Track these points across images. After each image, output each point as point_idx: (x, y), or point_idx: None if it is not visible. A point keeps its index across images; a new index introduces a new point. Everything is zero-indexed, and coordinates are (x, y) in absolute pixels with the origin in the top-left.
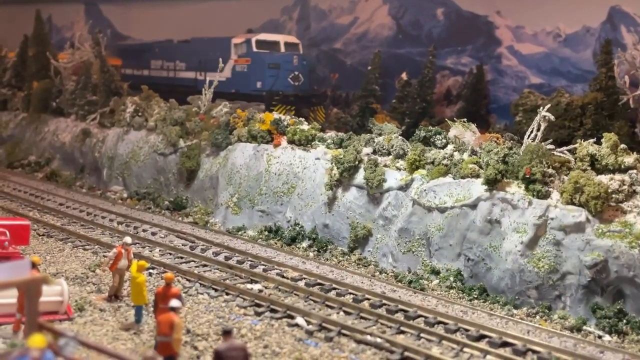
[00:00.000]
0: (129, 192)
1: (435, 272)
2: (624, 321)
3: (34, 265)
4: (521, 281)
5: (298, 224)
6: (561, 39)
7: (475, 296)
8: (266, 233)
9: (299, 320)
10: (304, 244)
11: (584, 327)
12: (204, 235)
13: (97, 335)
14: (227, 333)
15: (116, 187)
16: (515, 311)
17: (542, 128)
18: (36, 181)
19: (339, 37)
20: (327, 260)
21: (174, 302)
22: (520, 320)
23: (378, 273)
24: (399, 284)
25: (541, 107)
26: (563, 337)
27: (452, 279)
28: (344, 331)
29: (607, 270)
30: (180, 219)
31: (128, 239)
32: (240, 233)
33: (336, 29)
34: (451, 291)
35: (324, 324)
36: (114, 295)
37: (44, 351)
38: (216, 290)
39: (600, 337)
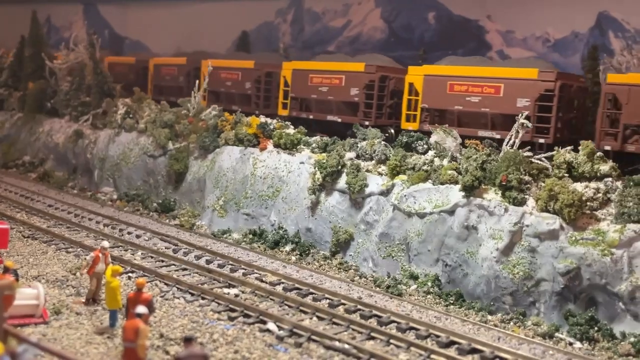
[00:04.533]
0: (119, 193)
1: (414, 277)
2: (595, 328)
3: (7, 270)
4: (496, 287)
5: (282, 228)
6: (550, 43)
7: (452, 302)
8: (250, 236)
9: (271, 325)
10: (287, 248)
11: (556, 334)
12: (188, 238)
13: (71, 339)
14: (187, 340)
15: (107, 188)
16: (489, 317)
17: (520, 135)
18: (28, 182)
19: (332, 39)
20: (309, 264)
21: (140, 309)
22: (492, 327)
23: (358, 277)
24: (377, 288)
25: (520, 114)
26: (533, 344)
27: (429, 284)
28: (313, 337)
29: (579, 278)
30: (167, 221)
31: (105, 243)
32: (225, 236)
33: (330, 32)
34: (428, 296)
35: (294, 330)
36: (92, 299)
37: (2, 357)
38: (192, 294)
39: (571, 344)
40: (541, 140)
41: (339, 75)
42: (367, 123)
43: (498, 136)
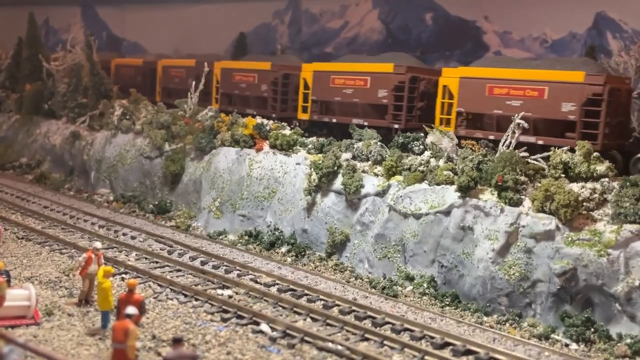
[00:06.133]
0: (115, 195)
1: (410, 278)
2: (592, 330)
3: None
4: (492, 288)
5: (278, 229)
6: (547, 44)
7: (447, 303)
8: (246, 238)
9: (264, 326)
10: (283, 249)
11: (552, 336)
12: (183, 239)
13: (62, 340)
14: (176, 341)
15: (103, 189)
16: (485, 318)
17: (516, 135)
18: (25, 183)
19: (329, 41)
20: (305, 265)
21: (130, 310)
22: (488, 328)
23: (353, 279)
24: (373, 290)
25: (516, 115)
26: (528, 345)
27: (425, 285)
28: (307, 338)
29: (576, 279)
30: (163, 222)
31: (98, 244)
32: (220, 237)
33: (327, 33)
34: (424, 298)
35: (288, 331)
36: (85, 300)
37: None
38: (186, 295)
39: (567, 345)
40: (395, 126)
41: (253, 73)
42: (273, 115)
43: (366, 124)
